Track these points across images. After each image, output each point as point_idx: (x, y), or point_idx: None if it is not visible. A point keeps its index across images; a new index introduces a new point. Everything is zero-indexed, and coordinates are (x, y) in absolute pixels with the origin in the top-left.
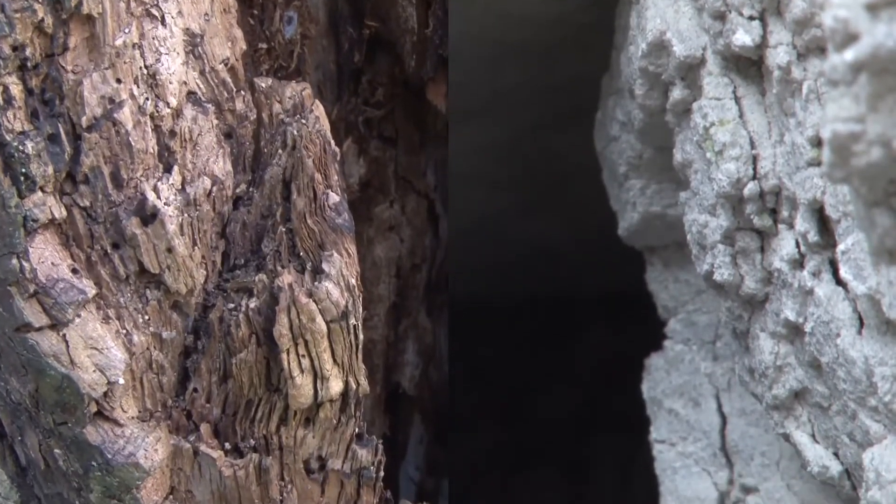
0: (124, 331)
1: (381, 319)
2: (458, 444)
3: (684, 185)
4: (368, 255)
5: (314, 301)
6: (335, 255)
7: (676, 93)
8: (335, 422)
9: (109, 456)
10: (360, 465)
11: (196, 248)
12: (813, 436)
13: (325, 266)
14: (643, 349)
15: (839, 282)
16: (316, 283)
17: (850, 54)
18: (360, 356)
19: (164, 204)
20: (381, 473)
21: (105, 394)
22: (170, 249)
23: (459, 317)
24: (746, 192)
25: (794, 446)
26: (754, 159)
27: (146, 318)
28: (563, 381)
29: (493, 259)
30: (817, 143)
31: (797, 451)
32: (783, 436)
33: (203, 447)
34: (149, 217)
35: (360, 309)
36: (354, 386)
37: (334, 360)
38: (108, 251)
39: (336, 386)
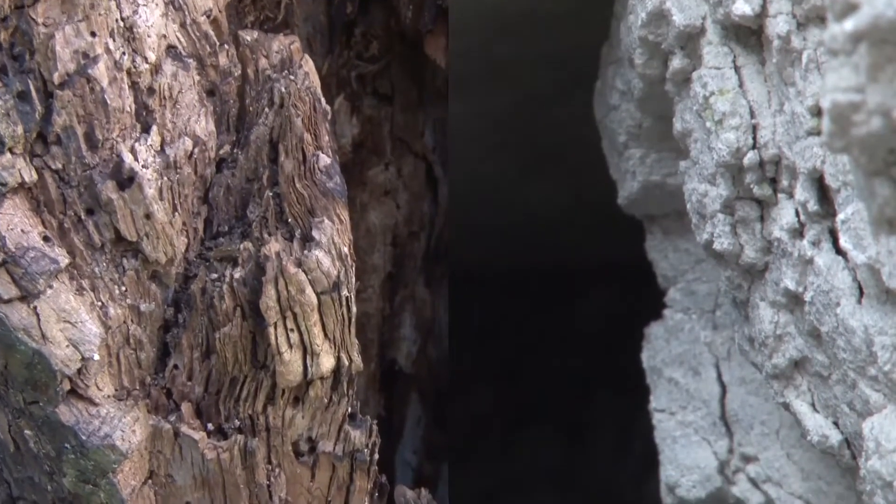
0: (99, 303)
1: (376, 291)
2: (457, 408)
3: (684, 154)
4: (362, 221)
5: (303, 271)
6: (326, 221)
7: (676, 62)
8: (326, 401)
9: (84, 437)
10: (352, 447)
11: (176, 213)
12: (813, 405)
13: (315, 233)
14: (643, 318)
15: (839, 251)
16: (305, 252)
17: (849, 24)
18: (352, 330)
19: (142, 166)
20: (376, 456)
21: (79, 371)
22: (148, 215)
23: (457, 283)
24: (746, 161)
25: (794, 415)
26: (754, 129)
27: (123, 289)
28: (563, 347)
29: (493, 226)
30: (817, 112)
31: (797, 420)
32: (783, 405)
33: (184, 428)
34: (125, 181)
35: (353, 280)
36: (347, 362)
37: (325, 335)
38: (82, 217)
39: (327, 362)
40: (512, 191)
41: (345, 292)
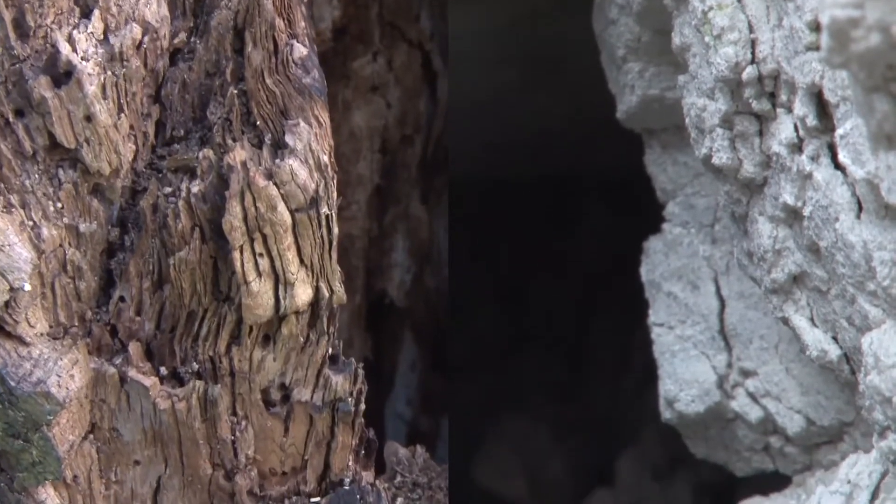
0: (31, 222)
1: (362, 208)
2: (457, 326)
3: (683, 68)
4: (345, 123)
5: (275, 184)
6: (302, 124)
7: None
8: (302, 340)
9: (12, 383)
10: (334, 395)
11: (122, 115)
12: (812, 320)
13: (288, 139)
14: (642, 231)
15: (838, 166)
16: (277, 161)
17: None
18: (334, 256)
19: (82, 59)
20: (362, 407)
21: (6, 304)
22: (88, 117)
23: (454, 198)
24: (745, 76)
25: (793, 330)
26: (752, 43)
27: (59, 206)
28: (562, 260)
29: (491, 140)
30: (816, 27)
31: (796, 335)
32: (782, 320)
33: (132, 372)
34: (62, 76)
35: (335, 194)
36: (327, 294)
37: (301, 261)
38: (10, 120)
39: (303, 293)
40: (511, 104)
41: (324, 209)
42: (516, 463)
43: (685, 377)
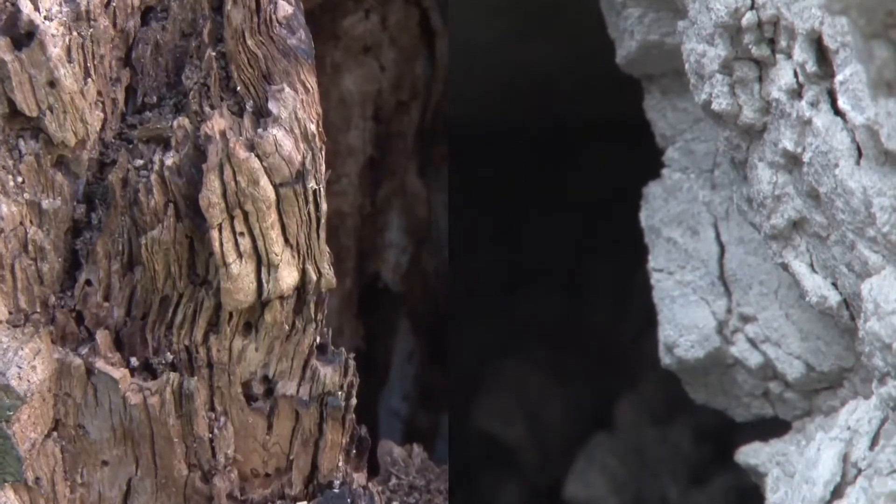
0: None
1: (353, 182)
2: (456, 267)
3: (682, 14)
4: (334, 88)
5: (257, 156)
6: (287, 89)
7: None
8: (287, 328)
9: None
10: (322, 389)
11: (89, 80)
12: (811, 266)
13: (272, 105)
14: (641, 177)
15: (837, 112)
16: (259, 131)
17: None
18: (322, 235)
19: (45, 18)
20: (353, 401)
21: None
22: (52, 83)
23: (455, 143)
24: (744, 21)
25: (793, 276)
26: None
27: (19, 180)
28: (562, 206)
29: (490, 86)
30: None
31: (796, 280)
32: (782, 265)
33: (100, 363)
34: (23, 37)
35: (323, 167)
36: (314, 277)
37: (286, 241)
38: None
39: (288, 276)
40: (509, 51)
41: (311, 184)
42: (515, 407)
43: (685, 322)
